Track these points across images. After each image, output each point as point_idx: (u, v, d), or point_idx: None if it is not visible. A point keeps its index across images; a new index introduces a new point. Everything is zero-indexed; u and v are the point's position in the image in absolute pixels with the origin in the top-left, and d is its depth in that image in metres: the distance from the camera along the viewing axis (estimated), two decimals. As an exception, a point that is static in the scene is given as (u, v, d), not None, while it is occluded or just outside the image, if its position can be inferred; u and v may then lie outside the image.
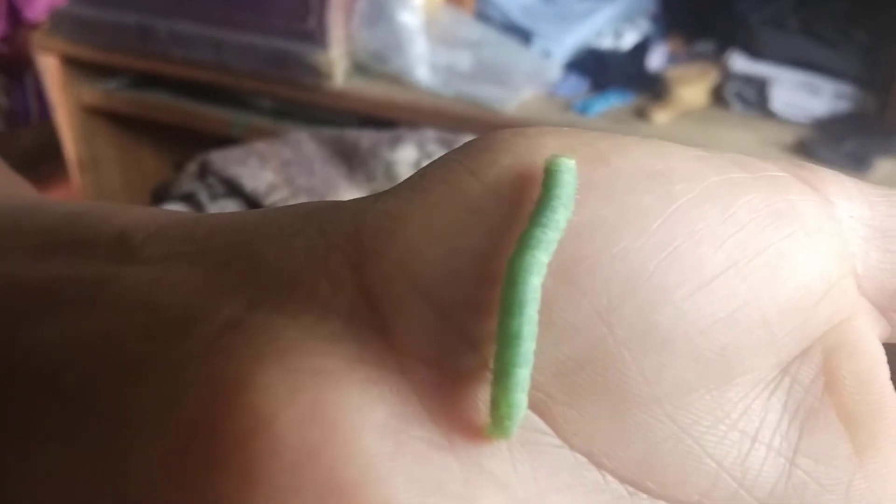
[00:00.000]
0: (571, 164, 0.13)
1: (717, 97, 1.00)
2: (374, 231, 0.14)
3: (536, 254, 0.12)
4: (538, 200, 0.13)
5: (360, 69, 1.00)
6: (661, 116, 0.96)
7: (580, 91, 1.01)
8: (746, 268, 0.13)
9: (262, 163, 0.61)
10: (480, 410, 0.13)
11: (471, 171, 0.14)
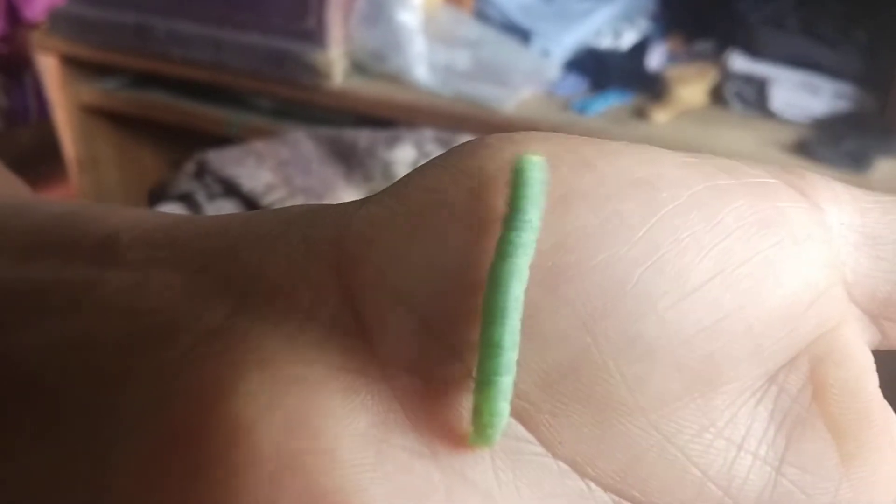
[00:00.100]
0: (537, 161, 0.13)
1: (717, 97, 1.00)
2: (357, 238, 0.14)
3: (515, 260, 0.12)
4: (508, 203, 0.13)
5: (359, 69, 1.00)
6: (661, 116, 0.95)
7: (579, 90, 1.01)
8: (732, 276, 0.13)
9: (260, 162, 0.60)
10: (463, 419, 0.13)
11: (456, 179, 0.14)
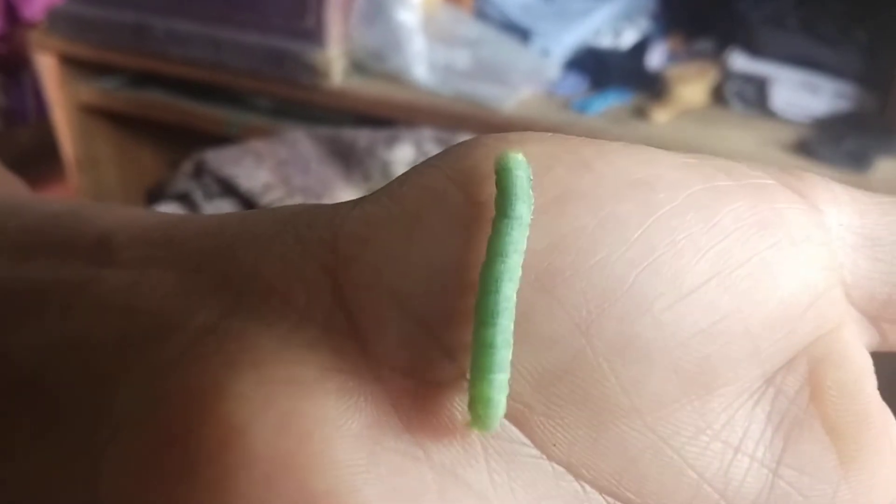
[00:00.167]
0: (520, 158, 0.13)
1: (717, 96, 1.00)
2: (352, 238, 0.13)
3: (506, 259, 0.12)
4: (496, 204, 0.13)
5: (358, 68, 1.00)
6: (661, 115, 0.95)
7: (579, 90, 1.01)
8: (729, 278, 0.13)
9: (258, 162, 0.60)
10: (457, 420, 0.13)
11: (451, 179, 0.14)
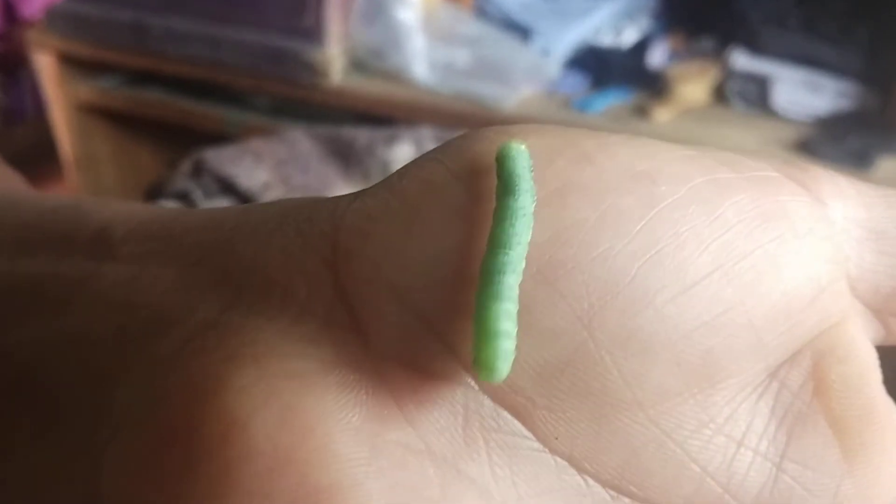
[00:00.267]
0: (522, 148, 0.13)
1: (719, 95, 1.00)
2: (352, 231, 0.13)
3: (507, 251, 0.12)
4: (497, 194, 0.13)
5: (358, 66, 1.00)
6: (662, 114, 0.95)
7: (580, 89, 1.01)
8: (732, 271, 0.13)
9: (257, 161, 0.60)
10: (458, 413, 0.13)
11: (451, 171, 0.14)
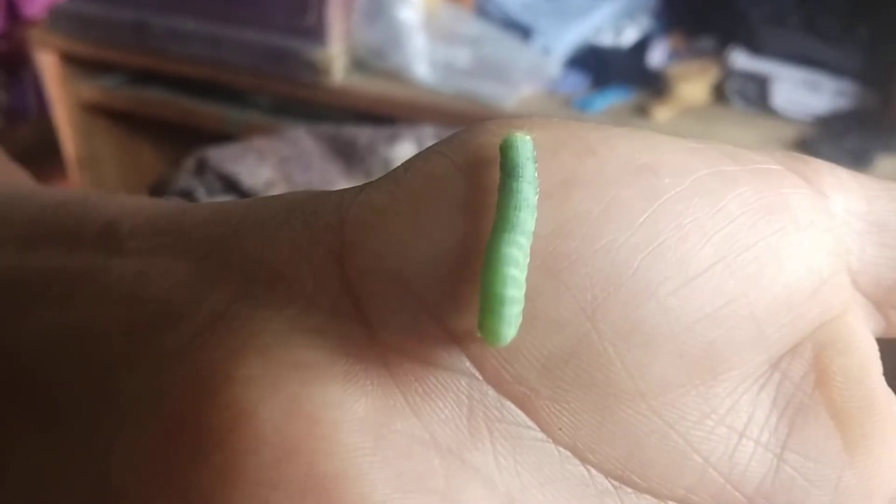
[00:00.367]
0: (526, 139, 0.13)
1: (719, 94, 1.00)
2: (358, 224, 0.14)
3: (513, 228, 0.12)
4: (500, 183, 0.13)
5: (359, 65, 1.00)
6: (662, 113, 0.95)
7: (580, 88, 1.01)
8: (735, 262, 0.13)
9: (260, 159, 0.60)
10: (463, 403, 0.13)
11: (456, 164, 0.14)
